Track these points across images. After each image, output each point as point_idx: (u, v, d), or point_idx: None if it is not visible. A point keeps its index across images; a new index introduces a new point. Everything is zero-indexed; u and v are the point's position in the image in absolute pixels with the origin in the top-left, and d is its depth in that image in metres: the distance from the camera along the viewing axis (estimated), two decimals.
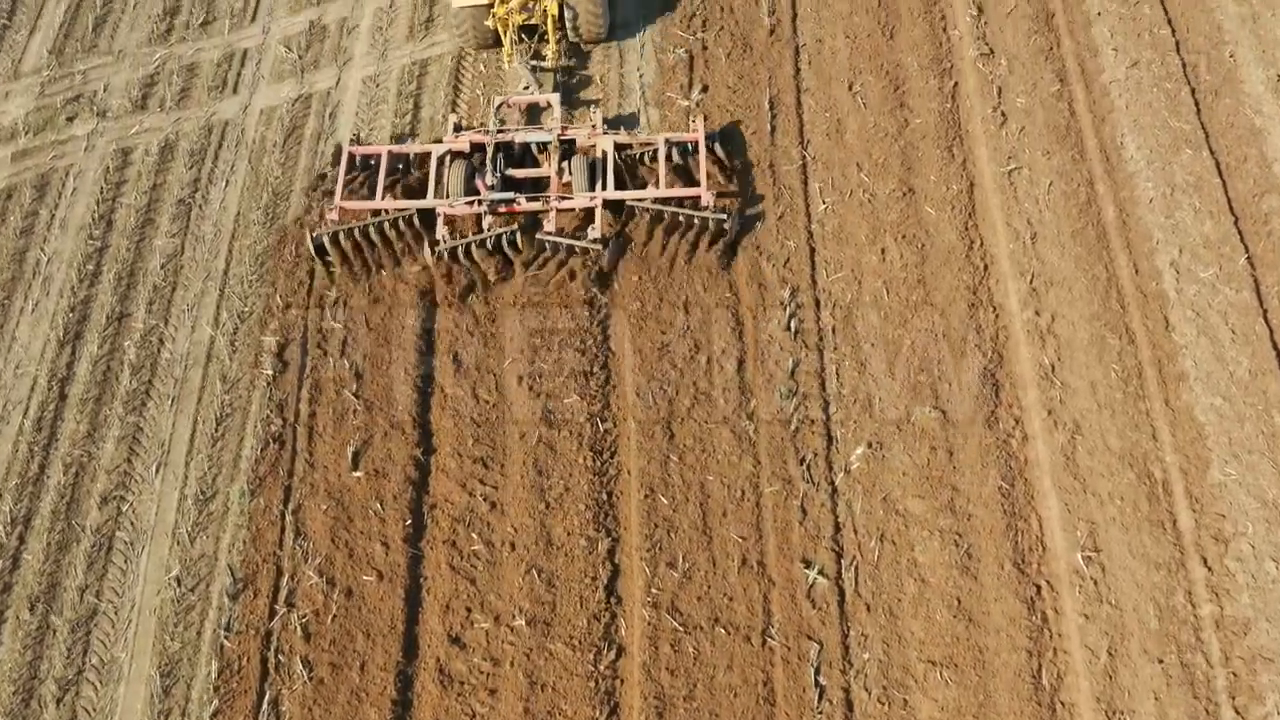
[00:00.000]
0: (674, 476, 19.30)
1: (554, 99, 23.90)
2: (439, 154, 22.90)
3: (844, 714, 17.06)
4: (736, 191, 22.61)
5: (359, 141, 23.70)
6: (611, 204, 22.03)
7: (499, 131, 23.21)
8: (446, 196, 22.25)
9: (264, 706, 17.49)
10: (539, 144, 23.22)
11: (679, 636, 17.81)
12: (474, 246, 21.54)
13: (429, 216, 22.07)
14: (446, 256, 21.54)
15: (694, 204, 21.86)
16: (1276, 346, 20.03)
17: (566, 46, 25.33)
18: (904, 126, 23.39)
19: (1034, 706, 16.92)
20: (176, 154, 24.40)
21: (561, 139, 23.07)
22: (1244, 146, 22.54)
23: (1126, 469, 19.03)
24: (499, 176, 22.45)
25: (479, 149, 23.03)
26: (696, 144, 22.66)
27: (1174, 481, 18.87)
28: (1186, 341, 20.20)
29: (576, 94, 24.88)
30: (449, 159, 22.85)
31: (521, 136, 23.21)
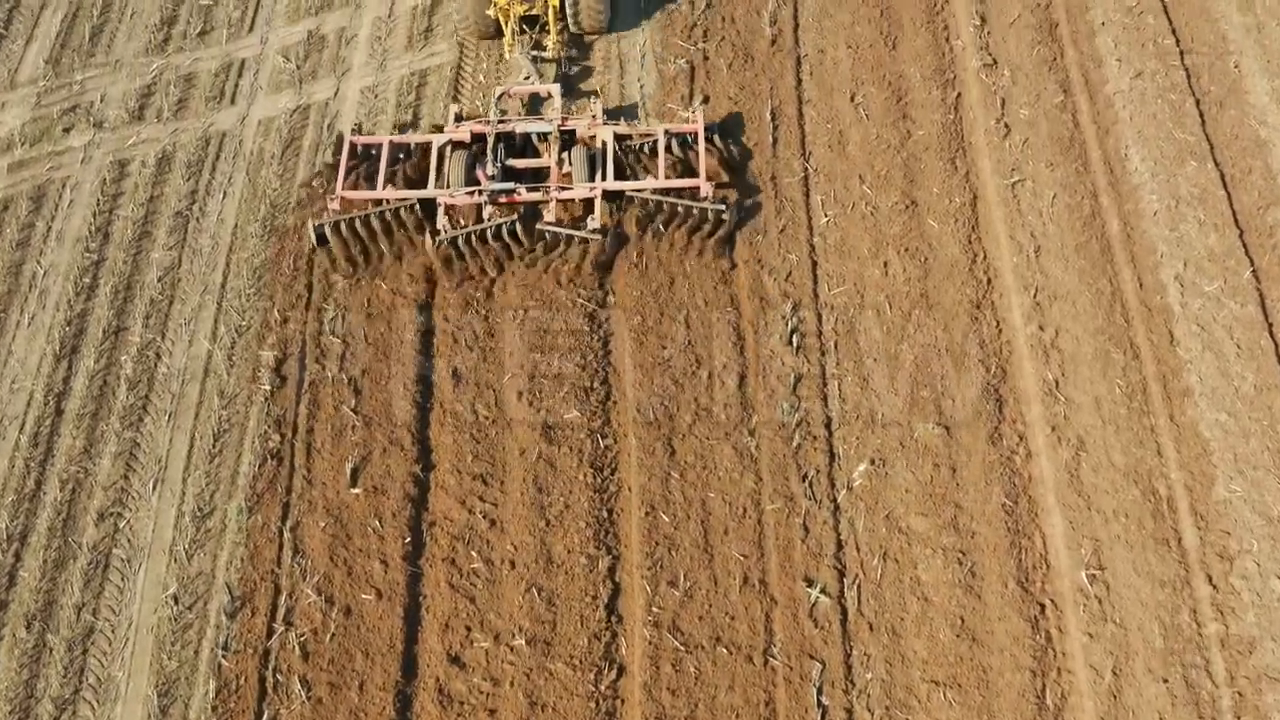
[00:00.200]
0: (675, 493, 19.15)
1: (554, 89, 24.03)
2: (440, 144, 23.03)
3: None
4: (734, 183, 22.70)
5: (360, 131, 23.82)
6: (610, 194, 22.13)
7: (500, 122, 23.29)
8: (447, 186, 22.35)
9: None
10: (539, 134, 23.33)
11: (680, 656, 17.66)
12: (474, 236, 21.63)
13: (430, 206, 22.16)
14: (447, 246, 21.60)
15: (692, 195, 21.93)
16: None
17: (567, 37, 25.44)
18: (906, 138, 23.24)
19: None
20: (174, 165, 24.24)
21: (562, 129, 23.18)
22: (1249, 158, 22.40)
23: (1131, 485, 18.89)
24: (499, 166, 22.58)
25: (480, 139, 23.13)
26: (696, 135, 22.76)
27: (1179, 498, 18.74)
28: (1191, 356, 20.05)
29: (577, 85, 24.92)
30: (450, 149, 22.94)
31: (522, 127, 23.32)
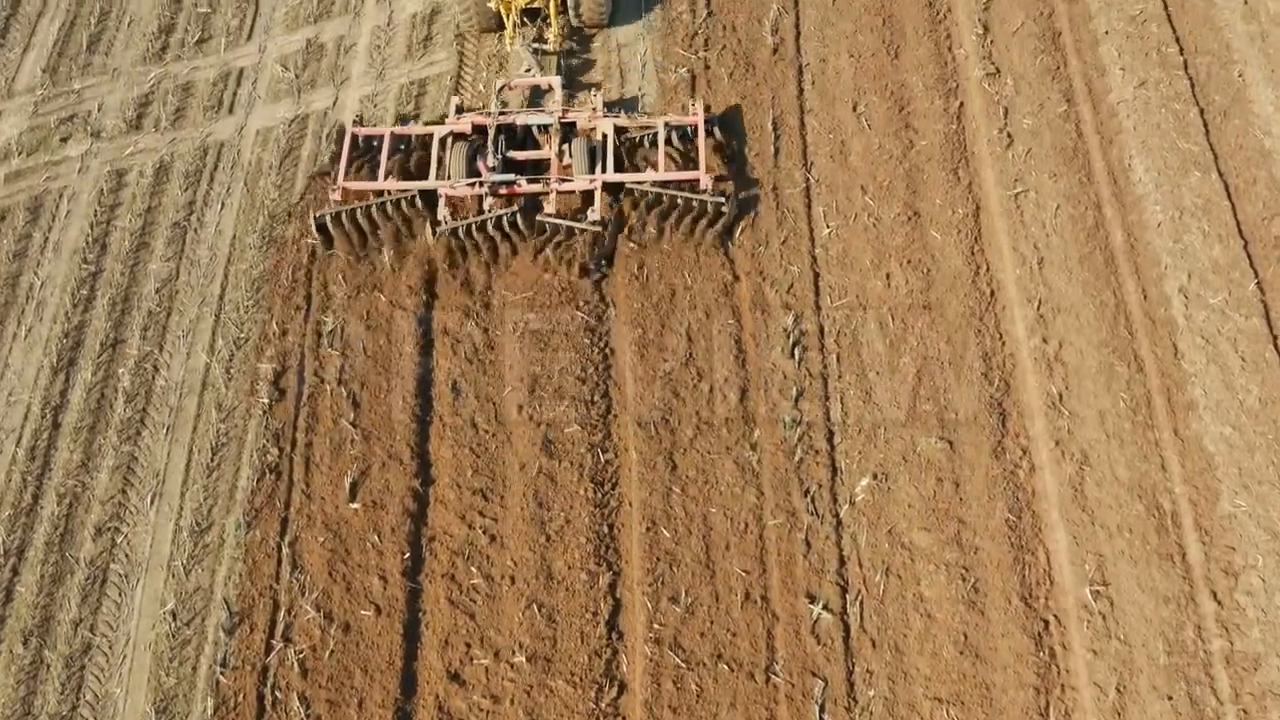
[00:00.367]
0: (676, 508, 19.02)
1: (555, 82, 24.10)
2: (441, 135, 23.13)
3: None
4: (733, 175, 22.79)
5: (362, 123, 23.89)
6: (610, 186, 22.24)
7: (501, 114, 23.36)
8: (448, 178, 22.45)
9: None
10: (540, 126, 23.41)
11: (681, 673, 17.55)
12: (475, 227, 21.72)
13: (431, 198, 22.23)
14: (448, 237, 21.69)
15: (692, 187, 21.99)
16: None
17: (569, 31, 25.52)
18: (909, 148, 23.10)
19: None
20: (171, 176, 24.09)
21: (562, 121, 23.25)
22: (1253, 168, 22.26)
23: (1135, 500, 18.77)
24: (500, 158, 22.65)
25: (481, 131, 23.20)
26: (696, 128, 22.83)
27: (1183, 513, 18.62)
28: (1196, 369, 19.92)
29: (578, 78, 24.94)
30: (451, 141, 23.02)
31: (523, 119, 23.41)
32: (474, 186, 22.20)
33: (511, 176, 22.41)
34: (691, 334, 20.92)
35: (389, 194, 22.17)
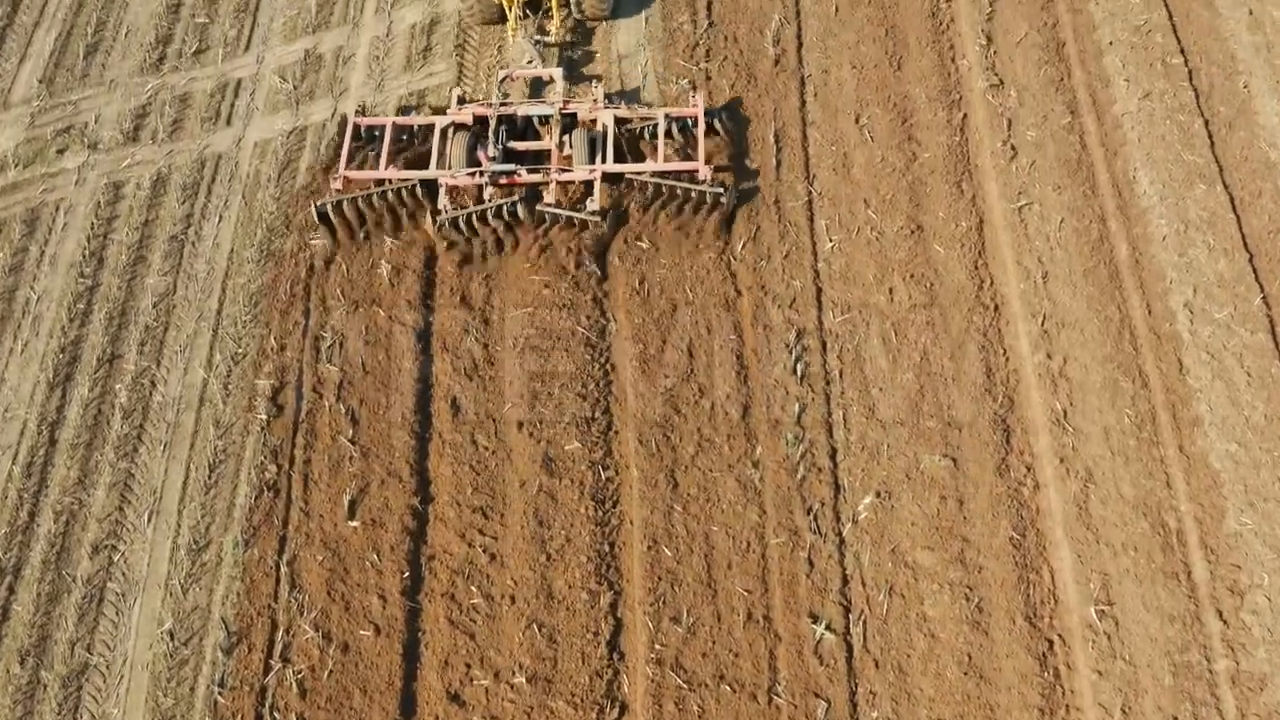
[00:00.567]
0: (677, 527, 18.87)
1: (556, 73, 24.27)
2: (442, 126, 23.25)
3: None
4: (734, 166, 22.90)
5: (364, 112, 23.91)
6: (610, 176, 22.35)
7: (502, 104, 23.48)
8: (449, 167, 22.60)
9: None
10: (541, 117, 23.54)
11: (683, 694, 17.39)
12: (475, 216, 21.86)
13: (432, 187, 22.40)
14: (449, 226, 21.82)
15: (691, 178, 22.11)
16: None
17: (570, 23, 25.66)
18: (912, 161, 22.93)
19: None
20: (169, 188, 23.93)
21: (563, 112, 23.39)
22: (1259, 181, 22.10)
23: (1140, 518, 18.61)
24: (501, 148, 22.83)
25: (482, 121, 23.31)
26: (696, 119, 22.94)
27: (1188, 531, 18.46)
28: (1201, 385, 19.77)
29: (579, 69, 24.99)
30: (452, 131, 23.15)
31: (524, 110, 23.55)
32: (475, 176, 22.35)
33: (512, 166, 22.58)
34: (693, 349, 20.76)
35: (390, 183, 22.31)
